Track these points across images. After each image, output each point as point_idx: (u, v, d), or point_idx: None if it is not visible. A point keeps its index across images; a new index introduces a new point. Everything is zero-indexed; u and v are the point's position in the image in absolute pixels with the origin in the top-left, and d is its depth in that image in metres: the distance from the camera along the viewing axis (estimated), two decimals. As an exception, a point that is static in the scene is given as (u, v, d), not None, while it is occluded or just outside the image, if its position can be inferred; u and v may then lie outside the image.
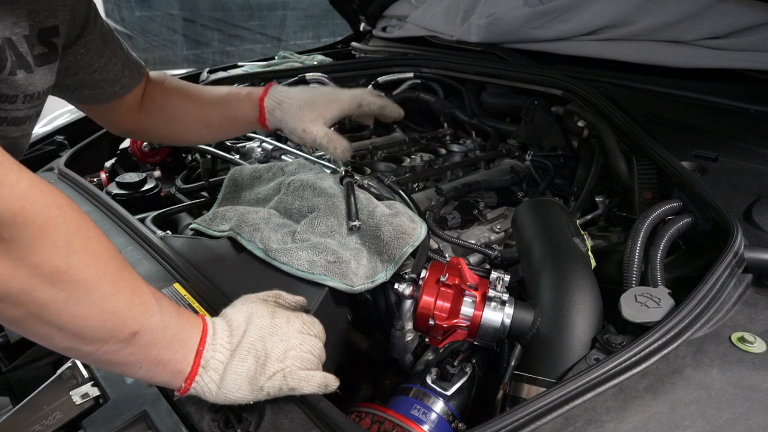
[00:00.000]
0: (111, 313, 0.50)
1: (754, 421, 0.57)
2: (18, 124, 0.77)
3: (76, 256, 0.47)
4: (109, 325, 0.50)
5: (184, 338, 0.57)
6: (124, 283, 0.52)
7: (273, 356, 0.61)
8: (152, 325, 0.54)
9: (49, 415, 0.71)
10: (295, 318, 0.66)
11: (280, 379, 0.60)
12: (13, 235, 0.43)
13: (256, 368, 0.59)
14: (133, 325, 0.52)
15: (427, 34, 2.14)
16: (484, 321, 0.79)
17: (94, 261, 0.49)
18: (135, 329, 0.52)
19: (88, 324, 0.49)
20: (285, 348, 0.62)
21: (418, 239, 0.94)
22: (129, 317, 0.51)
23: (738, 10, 1.27)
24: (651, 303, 0.72)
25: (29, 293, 0.45)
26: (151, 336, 0.54)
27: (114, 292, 0.50)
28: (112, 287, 0.50)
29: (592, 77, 1.48)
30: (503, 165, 1.56)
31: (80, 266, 0.47)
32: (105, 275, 0.49)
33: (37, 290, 0.45)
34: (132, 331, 0.52)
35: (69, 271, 0.46)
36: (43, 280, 0.45)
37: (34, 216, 0.44)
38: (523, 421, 0.58)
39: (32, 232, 0.44)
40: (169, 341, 0.55)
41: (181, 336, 0.57)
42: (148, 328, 0.53)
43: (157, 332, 0.54)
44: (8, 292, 0.44)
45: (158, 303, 0.56)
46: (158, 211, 1.23)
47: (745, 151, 1.07)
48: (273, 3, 7.68)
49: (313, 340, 0.65)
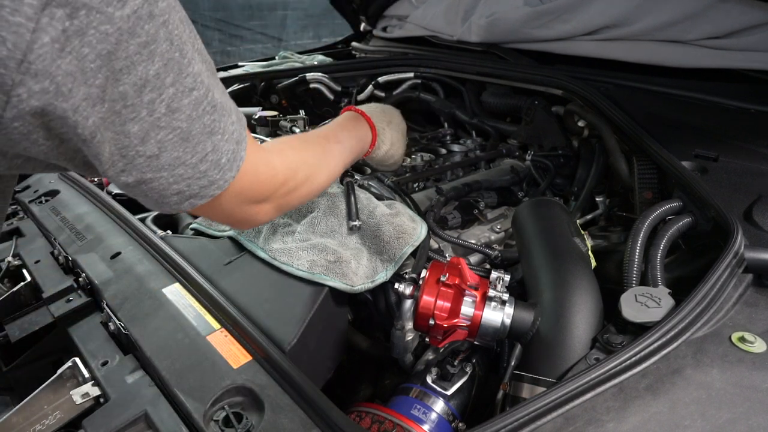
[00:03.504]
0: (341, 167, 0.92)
1: (754, 421, 0.57)
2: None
3: (320, 180, 0.83)
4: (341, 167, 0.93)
5: (362, 135, 1.01)
6: (339, 157, 0.90)
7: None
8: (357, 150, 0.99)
9: (49, 414, 0.71)
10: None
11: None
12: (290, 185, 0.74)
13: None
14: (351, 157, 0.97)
15: (427, 34, 2.14)
16: (484, 321, 0.79)
17: (333, 170, 0.88)
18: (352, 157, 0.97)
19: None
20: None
21: (418, 239, 0.94)
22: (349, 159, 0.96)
23: (738, 10, 1.27)
24: (651, 303, 0.72)
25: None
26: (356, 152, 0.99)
27: (337, 163, 0.90)
28: (339, 166, 0.91)
29: (592, 77, 1.48)
30: (503, 165, 1.56)
31: (325, 178, 0.85)
32: (336, 167, 0.89)
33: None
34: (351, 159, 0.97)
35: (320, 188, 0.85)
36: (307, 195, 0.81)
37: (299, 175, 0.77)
38: (523, 420, 0.58)
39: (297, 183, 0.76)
40: (363, 144, 1.01)
41: (367, 138, 1.02)
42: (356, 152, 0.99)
43: (358, 147, 0.99)
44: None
45: (349, 140, 0.95)
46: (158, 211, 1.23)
47: (746, 151, 1.07)
48: (273, 3, 7.68)
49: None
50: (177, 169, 0.54)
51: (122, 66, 0.46)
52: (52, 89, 0.43)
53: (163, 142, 0.51)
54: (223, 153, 0.57)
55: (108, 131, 0.48)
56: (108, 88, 0.46)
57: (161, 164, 0.53)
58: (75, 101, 0.44)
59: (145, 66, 0.47)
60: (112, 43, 0.44)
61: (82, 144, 0.48)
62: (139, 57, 0.46)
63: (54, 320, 0.90)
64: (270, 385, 0.69)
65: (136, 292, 0.90)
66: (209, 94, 0.54)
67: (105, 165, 0.51)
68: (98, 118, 0.46)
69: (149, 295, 0.88)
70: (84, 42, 0.43)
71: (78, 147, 0.49)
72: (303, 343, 0.78)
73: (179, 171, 0.54)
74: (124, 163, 0.51)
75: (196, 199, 0.58)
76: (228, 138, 0.57)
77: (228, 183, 0.59)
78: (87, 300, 0.94)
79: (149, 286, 0.91)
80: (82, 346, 0.84)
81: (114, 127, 0.48)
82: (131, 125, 0.49)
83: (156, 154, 0.52)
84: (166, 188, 0.55)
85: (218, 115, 0.55)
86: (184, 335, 0.78)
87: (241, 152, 0.59)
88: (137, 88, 0.47)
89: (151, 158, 0.52)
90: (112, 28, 0.44)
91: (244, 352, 0.75)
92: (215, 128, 0.55)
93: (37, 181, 1.43)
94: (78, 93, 0.44)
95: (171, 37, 0.49)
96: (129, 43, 0.45)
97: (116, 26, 0.44)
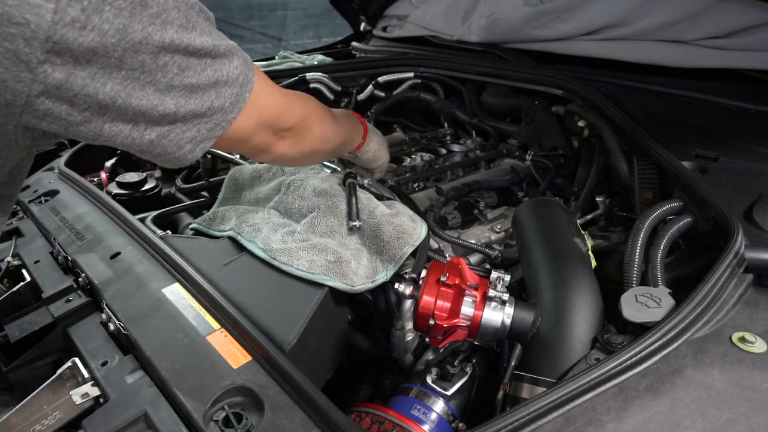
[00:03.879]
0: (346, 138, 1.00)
1: (754, 421, 0.57)
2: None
3: (327, 131, 0.90)
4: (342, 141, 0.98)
5: (360, 131, 1.08)
6: (342, 125, 0.97)
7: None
8: (351, 135, 1.04)
9: (49, 415, 0.71)
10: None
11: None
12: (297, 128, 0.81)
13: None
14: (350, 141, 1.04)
15: (427, 33, 2.14)
16: (484, 321, 0.79)
17: (335, 132, 0.93)
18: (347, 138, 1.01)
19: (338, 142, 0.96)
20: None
21: (418, 239, 0.94)
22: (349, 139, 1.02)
23: (739, 10, 1.27)
24: (651, 303, 0.72)
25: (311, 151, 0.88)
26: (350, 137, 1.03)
27: (341, 128, 0.96)
28: (342, 132, 0.97)
29: (592, 77, 1.48)
30: (503, 165, 1.56)
31: (331, 133, 0.91)
32: (340, 130, 0.96)
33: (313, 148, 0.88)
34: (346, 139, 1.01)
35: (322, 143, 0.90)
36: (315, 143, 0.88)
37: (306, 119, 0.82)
38: (524, 421, 0.58)
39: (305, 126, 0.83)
40: (356, 135, 1.06)
41: (359, 129, 1.08)
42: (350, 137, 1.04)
43: (352, 133, 1.04)
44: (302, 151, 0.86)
45: (346, 120, 1.02)
46: (158, 210, 1.23)
47: (746, 151, 1.07)
48: (273, 3, 7.68)
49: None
50: (190, 121, 0.59)
51: (140, 38, 0.50)
52: (72, 61, 0.47)
53: (178, 98, 0.56)
54: (227, 97, 0.62)
55: (130, 98, 0.52)
56: (126, 57, 0.50)
57: (178, 118, 0.58)
58: (92, 69, 0.48)
59: (160, 35, 0.51)
60: (127, 16, 0.48)
61: (102, 112, 0.52)
62: (153, 27, 0.50)
63: (54, 320, 0.90)
64: (270, 385, 0.69)
65: (135, 292, 0.90)
66: (213, 49, 0.58)
67: (127, 128, 0.55)
68: (116, 84, 0.51)
69: (149, 295, 0.88)
70: (103, 18, 0.46)
71: (97, 119, 0.52)
72: (303, 343, 0.78)
73: (192, 122, 0.60)
74: (146, 124, 0.56)
75: (206, 143, 0.63)
76: (232, 83, 0.62)
77: (229, 123, 0.64)
78: (87, 300, 0.93)
79: (149, 286, 0.91)
80: (82, 346, 0.84)
81: (135, 92, 0.52)
82: (148, 88, 0.53)
83: (173, 111, 0.57)
84: (181, 138, 0.60)
85: (219, 64, 0.60)
86: (184, 335, 0.78)
87: (244, 94, 0.64)
88: (153, 55, 0.52)
89: (169, 115, 0.57)
90: (125, 3, 0.48)
91: (244, 352, 0.75)
92: (218, 78, 0.60)
93: (37, 181, 1.43)
94: (96, 62, 0.48)
95: (178, 4, 0.53)
96: (142, 15, 0.49)
97: (128, 0, 0.48)
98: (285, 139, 0.79)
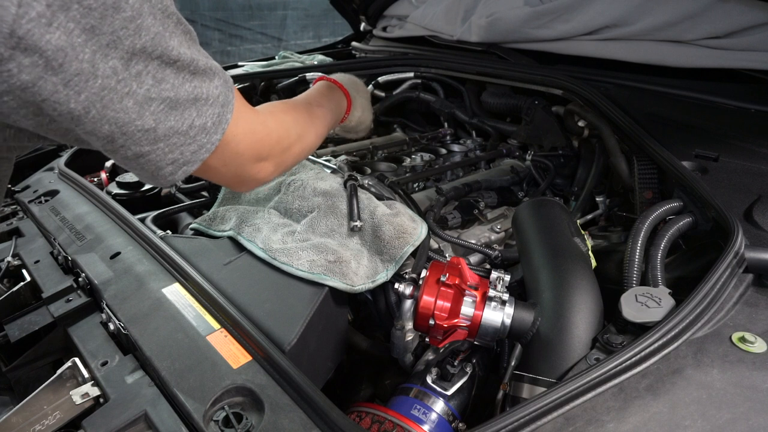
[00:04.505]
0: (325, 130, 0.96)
1: (754, 421, 0.57)
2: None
3: (307, 142, 0.86)
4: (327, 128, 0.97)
5: (339, 100, 1.06)
6: (323, 120, 0.94)
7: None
8: (334, 118, 1.03)
9: (49, 415, 0.71)
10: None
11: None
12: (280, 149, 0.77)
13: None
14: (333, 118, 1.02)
15: (427, 33, 2.14)
16: (484, 321, 0.79)
17: (316, 136, 0.89)
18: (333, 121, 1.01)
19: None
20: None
21: (418, 239, 0.94)
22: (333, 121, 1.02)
23: (738, 10, 1.27)
24: (651, 303, 0.72)
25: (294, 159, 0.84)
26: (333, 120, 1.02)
27: (323, 125, 0.94)
28: (324, 128, 0.94)
29: (592, 77, 1.48)
30: (503, 165, 1.56)
31: (312, 141, 0.88)
32: (322, 128, 0.93)
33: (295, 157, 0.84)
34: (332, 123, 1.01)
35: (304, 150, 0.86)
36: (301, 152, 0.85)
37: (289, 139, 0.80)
38: (524, 421, 0.58)
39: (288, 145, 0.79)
40: (340, 110, 1.06)
41: (343, 104, 1.08)
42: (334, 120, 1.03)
43: (337, 111, 1.04)
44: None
45: (329, 104, 1.00)
46: (158, 210, 1.23)
47: (746, 151, 1.07)
48: (273, 3, 7.68)
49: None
50: (171, 138, 0.56)
51: (109, 41, 0.47)
52: (42, 63, 0.44)
53: (157, 114, 0.53)
54: (208, 117, 0.58)
55: (106, 109, 0.49)
56: (98, 62, 0.47)
57: (158, 136, 0.54)
58: (66, 75, 0.45)
59: (131, 40, 0.48)
60: (96, 17, 0.45)
61: (74, 122, 0.49)
62: (125, 32, 0.48)
63: (54, 320, 0.90)
64: (270, 385, 0.69)
65: (136, 292, 0.90)
66: (191, 63, 0.55)
67: (103, 141, 0.52)
68: (91, 93, 0.48)
69: (149, 295, 0.88)
70: (69, 17, 0.44)
71: (69, 127, 0.50)
72: (303, 343, 0.78)
73: (174, 140, 0.56)
74: (124, 139, 0.53)
75: (189, 166, 0.59)
76: (213, 102, 0.59)
77: (214, 145, 0.60)
78: (87, 300, 0.93)
79: (149, 286, 0.91)
80: (82, 346, 0.83)
81: (112, 105, 0.49)
82: (127, 100, 0.50)
83: (153, 126, 0.53)
84: (162, 158, 0.57)
85: (199, 81, 0.57)
86: (184, 335, 0.78)
87: (226, 115, 0.61)
88: (124, 61, 0.49)
89: (148, 131, 0.53)
90: (96, 3, 0.45)
91: (244, 353, 0.75)
92: (198, 94, 0.57)
93: (37, 181, 1.43)
94: (69, 68, 0.45)
95: (154, 11, 0.50)
96: (114, 18, 0.46)
97: (99, 1, 0.45)
98: (265, 164, 0.74)
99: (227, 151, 0.64)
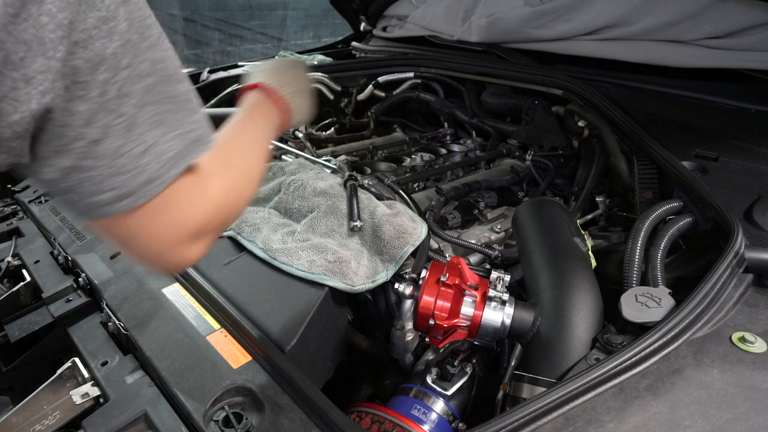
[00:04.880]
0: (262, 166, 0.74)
1: (754, 421, 0.57)
2: None
3: (246, 195, 0.67)
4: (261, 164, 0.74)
5: (274, 118, 0.84)
6: (265, 151, 0.75)
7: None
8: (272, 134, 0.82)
9: (49, 415, 0.71)
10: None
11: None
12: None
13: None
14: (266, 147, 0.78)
15: (427, 33, 2.14)
16: (484, 321, 0.79)
17: (248, 191, 0.68)
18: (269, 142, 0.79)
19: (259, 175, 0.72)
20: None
21: (418, 239, 0.94)
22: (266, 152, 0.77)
23: (738, 10, 1.27)
24: (651, 303, 0.72)
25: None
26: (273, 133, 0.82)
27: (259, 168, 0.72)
28: (260, 171, 0.72)
29: (592, 77, 1.48)
30: (503, 165, 1.56)
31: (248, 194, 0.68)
32: (263, 167, 0.73)
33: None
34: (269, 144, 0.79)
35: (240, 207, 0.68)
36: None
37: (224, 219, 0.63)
38: (524, 421, 0.58)
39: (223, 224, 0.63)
40: (277, 126, 0.83)
41: (273, 119, 0.83)
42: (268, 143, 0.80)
43: (274, 131, 0.83)
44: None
45: (267, 130, 0.81)
46: (158, 210, 1.23)
47: (746, 151, 1.07)
48: (273, 3, 7.68)
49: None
50: (118, 160, 0.48)
51: (79, 39, 0.43)
52: (0, 57, 0.39)
53: (108, 127, 0.46)
54: (170, 148, 0.51)
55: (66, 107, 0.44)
56: (66, 61, 0.43)
57: (102, 152, 0.47)
58: (28, 72, 0.41)
59: (102, 42, 0.44)
60: (73, 12, 0.42)
61: (30, 120, 0.44)
62: (97, 32, 0.43)
63: (54, 320, 0.90)
64: (270, 385, 0.69)
65: (135, 292, 0.90)
66: (165, 86, 0.50)
67: (39, 143, 0.46)
68: (56, 95, 0.43)
69: (149, 295, 0.88)
70: (43, 10, 0.40)
71: (20, 131, 0.44)
72: (303, 344, 0.78)
73: (120, 161, 0.48)
74: (60, 144, 0.46)
75: (132, 199, 0.50)
76: (180, 134, 0.51)
77: (168, 183, 0.51)
78: (87, 300, 0.93)
79: (149, 286, 0.91)
80: (82, 346, 0.84)
81: (61, 103, 0.44)
82: (79, 103, 0.45)
83: (98, 139, 0.46)
84: (101, 181, 0.48)
85: (171, 106, 0.51)
86: (184, 335, 0.78)
87: (192, 153, 0.53)
88: (92, 65, 0.44)
89: (92, 143, 0.47)
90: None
91: (244, 353, 0.75)
92: (164, 120, 0.50)
93: (37, 181, 1.43)
94: (33, 64, 0.41)
95: (131, 17, 0.46)
96: (88, 15, 0.42)
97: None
98: (199, 242, 0.59)
99: (167, 220, 0.54)
